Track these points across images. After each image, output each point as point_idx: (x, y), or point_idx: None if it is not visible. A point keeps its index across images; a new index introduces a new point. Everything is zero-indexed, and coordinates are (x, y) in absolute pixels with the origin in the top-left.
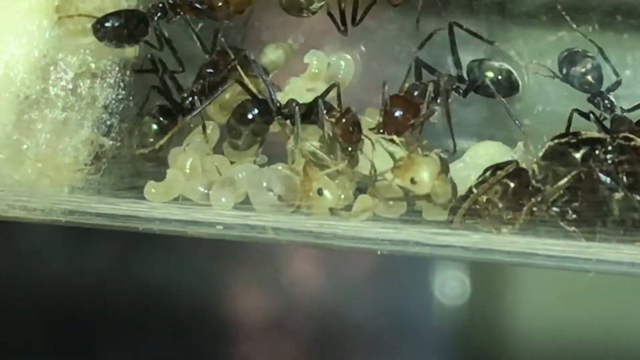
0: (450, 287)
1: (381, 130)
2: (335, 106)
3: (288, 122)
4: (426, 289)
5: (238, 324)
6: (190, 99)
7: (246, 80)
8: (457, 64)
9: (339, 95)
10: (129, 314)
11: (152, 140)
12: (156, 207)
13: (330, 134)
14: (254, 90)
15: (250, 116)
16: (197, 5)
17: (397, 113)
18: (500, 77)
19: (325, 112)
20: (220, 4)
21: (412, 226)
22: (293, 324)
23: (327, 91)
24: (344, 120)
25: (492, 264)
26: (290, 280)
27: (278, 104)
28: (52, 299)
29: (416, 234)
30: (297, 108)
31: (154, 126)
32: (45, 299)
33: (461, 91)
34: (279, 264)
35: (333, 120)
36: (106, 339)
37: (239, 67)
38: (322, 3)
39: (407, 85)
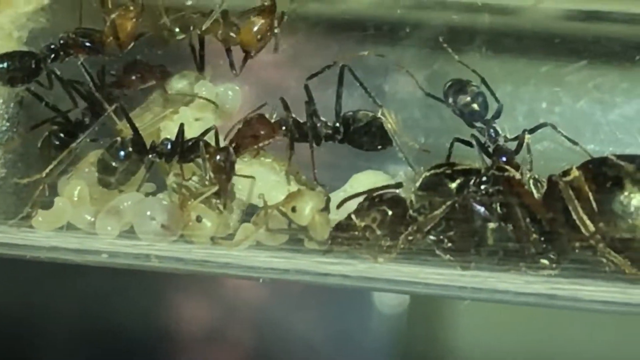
0: (391, 297)
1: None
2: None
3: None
4: (366, 299)
5: (177, 334)
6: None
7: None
8: (338, 110)
9: (216, 135)
10: (68, 323)
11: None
12: (44, 235)
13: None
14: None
15: (125, 153)
16: (87, 44)
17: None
18: (372, 129)
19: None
20: (109, 40)
21: (295, 255)
22: (233, 334)
23: (205, 132)
24: (217, 158)
25: None
26: (230, 290)
27: (152, 143)
28: None
29: (299, 263)
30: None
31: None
32: None
33: (338, 139)
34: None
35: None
36: (44, 353)
37: None
38: (183, 36)
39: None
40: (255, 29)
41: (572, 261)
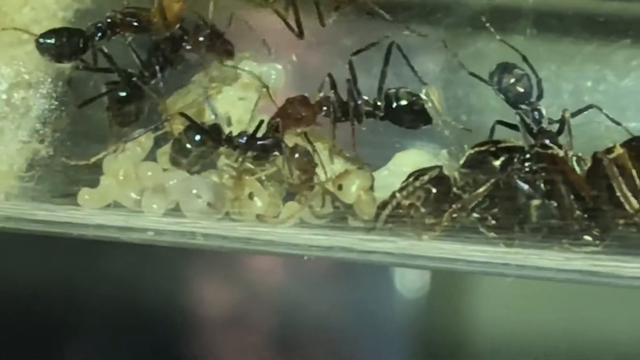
0: (411, 279)
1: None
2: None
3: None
4: (388, 282)
5: (199, 317)
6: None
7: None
8: (381, 87)
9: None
10: (92, 308)
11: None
12: (90, 213)
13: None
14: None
15: (202, 139)
16: (134, 23)
17: (290, 111)
18: (414, 107)
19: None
20: (156, 19)
21: (339, 232)
22: (254, 317)
23: (269, 128)
24: (296, 155)
25: None
26: (252, 273)
27: (230, 133)
28: (17, 297)
29: (343, 240)
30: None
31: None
32: (7, 298)
33: (379, 116)
34: (241, 256)
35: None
36: (70, 334)
37: None
38: None
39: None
40: None
41: (615, 238)
